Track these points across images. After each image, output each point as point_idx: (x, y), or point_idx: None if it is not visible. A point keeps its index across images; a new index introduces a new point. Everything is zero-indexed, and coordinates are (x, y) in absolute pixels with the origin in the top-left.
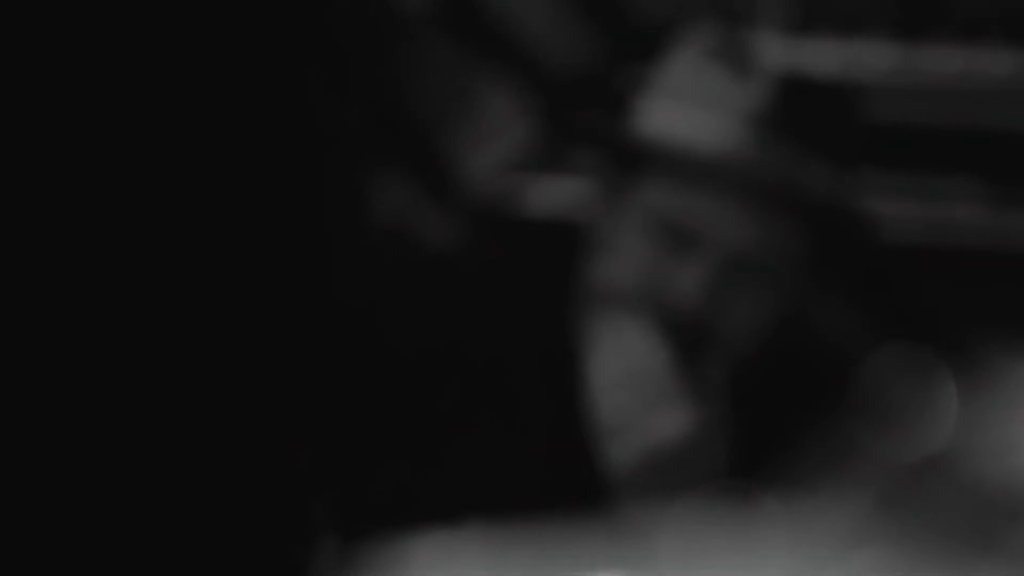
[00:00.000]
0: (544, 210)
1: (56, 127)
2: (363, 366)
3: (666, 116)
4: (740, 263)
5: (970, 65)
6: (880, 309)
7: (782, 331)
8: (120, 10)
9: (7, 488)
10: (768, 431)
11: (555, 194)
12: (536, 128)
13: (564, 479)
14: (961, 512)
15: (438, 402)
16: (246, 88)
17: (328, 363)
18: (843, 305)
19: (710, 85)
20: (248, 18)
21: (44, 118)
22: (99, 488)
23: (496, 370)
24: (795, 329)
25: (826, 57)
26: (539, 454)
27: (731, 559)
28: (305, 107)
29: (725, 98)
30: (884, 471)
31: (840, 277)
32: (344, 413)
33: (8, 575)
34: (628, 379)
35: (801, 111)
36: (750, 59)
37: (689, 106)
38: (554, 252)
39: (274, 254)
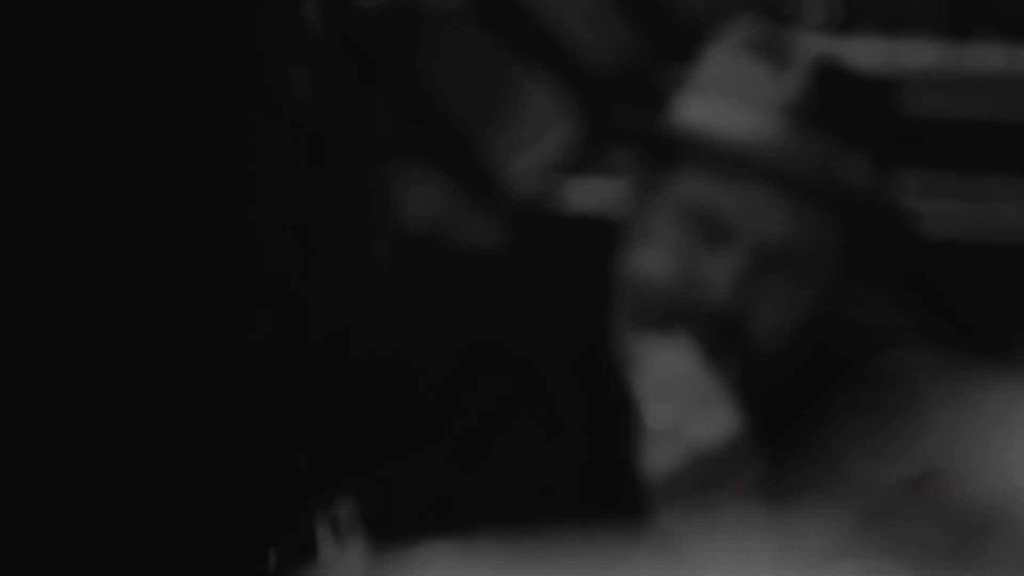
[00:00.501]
0: (583, 209)
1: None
2: (396, 366)
3: (701, 109)
4: (773, 256)
5: (1012, 62)
6: (917, 304)
7: (816, 325)
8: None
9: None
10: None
11: (594, 194)
12: (576, 129)
13: (599, 482)
14: (940, 528)
15: (474, 403)
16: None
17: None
18: (879, 299)
19: (746, 79)
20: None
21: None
22: (96, 488)
23: (533, 371)
24: (829, 323)
25: (869, 54)
26: (575, 457)
27: (717, 566)
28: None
29: (761, 92)
30: (871, 487)
31: (876, 271)
32: (375, 414)
33: (7, 574)
34: (671, 385)
35: (839, 105)
36: (787, 53)
37: (724, 100)
38: (593, 252)
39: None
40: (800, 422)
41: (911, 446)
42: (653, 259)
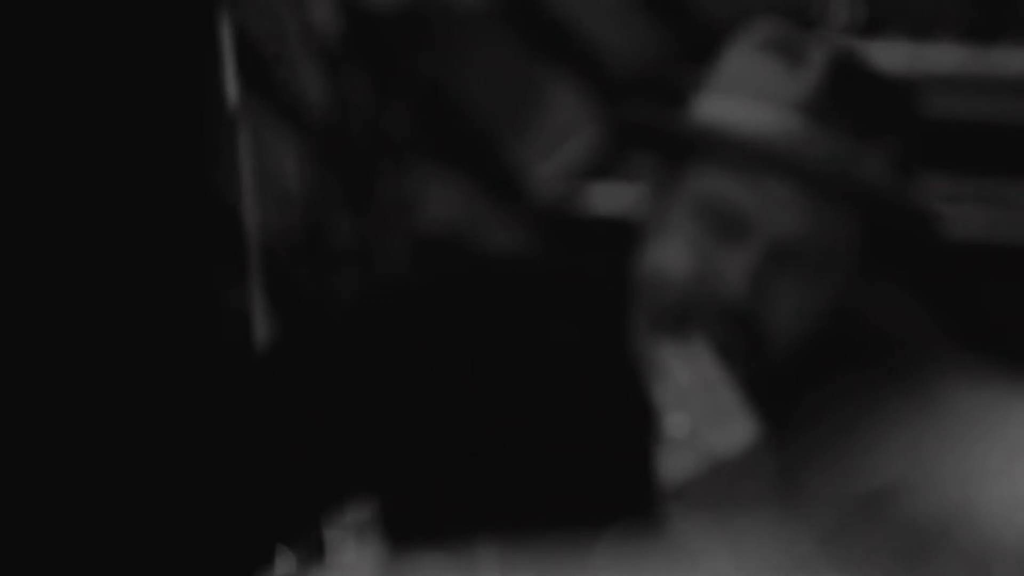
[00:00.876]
0: (605, 213)
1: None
2: (412, 369)
3: (717, 106)
4: (789, 252)
5: None
6: (935, 304)
7: (831, 322)
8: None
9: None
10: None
11: (616, 198)
12: (600, 132)
13: (615, 488)
14: (891, 543)
15: (490, 407)
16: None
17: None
18: (896, 298)
19: (763, 76)
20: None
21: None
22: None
23: (550, 376)
24: (845, 320)
25: (893, 56)
26: (591, 463)
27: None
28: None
29: (778, 88)
30: (831, 502)
31: (894, 270)
32: (391, 417)
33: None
34: (688, 394)
35: (857, 102)
36: (805, 52)
37: (740, 97)
38: (614, 256)
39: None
40: (810, 421)
41: (872, 460)
42: (669, 255)
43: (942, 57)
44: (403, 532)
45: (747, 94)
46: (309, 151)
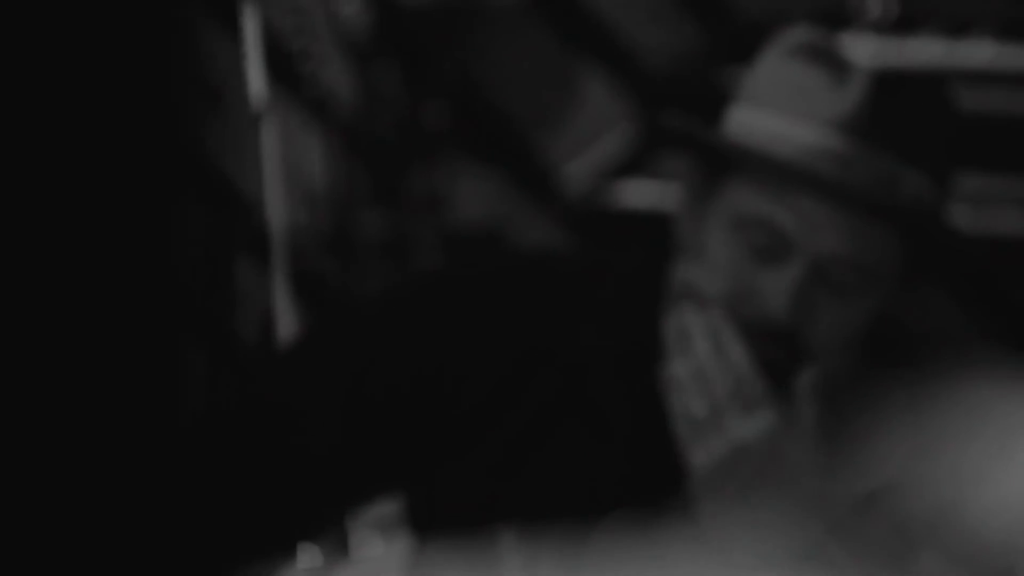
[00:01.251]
0: (637, 209)
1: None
2: (442, 365)
3: (756, 121)
4: (830, 270)
5: None
6: (979, 312)
7: (874, 336)
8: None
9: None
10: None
11: (648, 194)
12: (633, 129)
13: (644, 480)
14: (880, 543)
15: (520, 403)
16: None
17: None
18: (940, 306)
19: (802, 89)
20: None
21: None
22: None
23: (581, 375)
24: (889, 331)
25: (928, 53)
26: (620, 455)
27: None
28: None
29: (817, 103)
30: (831, 501)
31: (937, 281)
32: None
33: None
34: (713, 382)
35: (899, 116)
36: (845, 60)
37: (780, 110)
38: (647, 253)
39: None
40: (855, 430)
41: (873, 460)
42: (708, 273)
43: (976, 53)
44: (429, 529)
45: (786, 108)
46: (337, 146)
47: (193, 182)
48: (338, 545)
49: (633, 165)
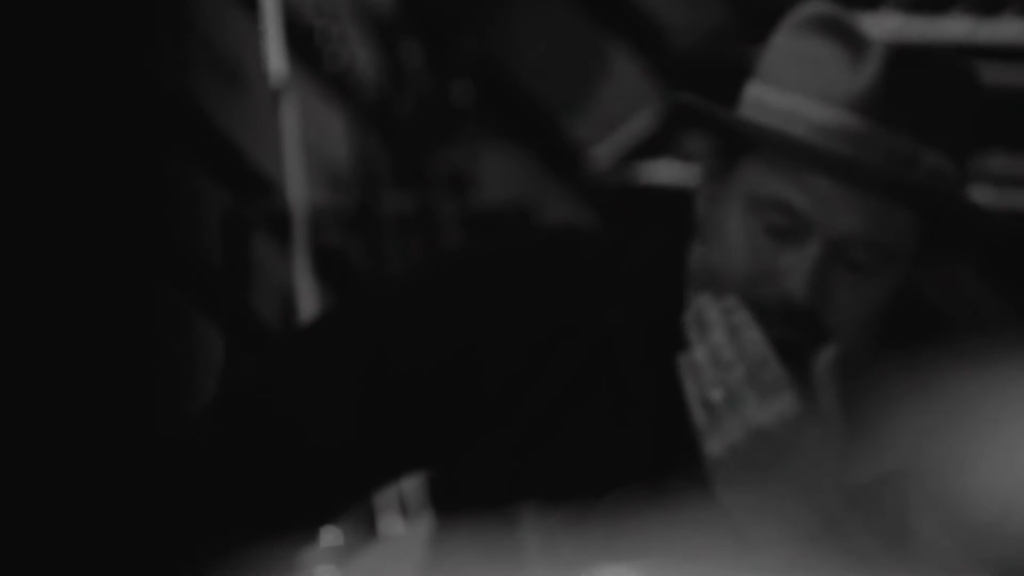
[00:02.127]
0: (662, 188)
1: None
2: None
3: (771, 99)
4: (849, 250)
5: None
6: (1000, 288)
7: (894, 316)
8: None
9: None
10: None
11: (672, 174)
12: (657, 110)
13: (665, 458)
14: (876, 531)
15: (544, 381)
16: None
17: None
18: (961, 283)
19: (819, 66)
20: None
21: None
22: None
23: (605, 347)
24: (909, 308)
25: (953, 31)
26: (643, 432)
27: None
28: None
29: (835, 82)
30: (849, 483)
31: (957, 258)
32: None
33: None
34: (729, 367)
35: (917, 94)
36: (862, 35)
37: (796, 88)
38: (669, 231)
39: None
40: (871, 411)
41: (887, 441)
42: (725, 254)
43: (1005, 30)
44: (452, 507)
45: (801, 85)
46: (360, 124)
47: (211, 159)
48: (362, 524)
49: (659, 144)
